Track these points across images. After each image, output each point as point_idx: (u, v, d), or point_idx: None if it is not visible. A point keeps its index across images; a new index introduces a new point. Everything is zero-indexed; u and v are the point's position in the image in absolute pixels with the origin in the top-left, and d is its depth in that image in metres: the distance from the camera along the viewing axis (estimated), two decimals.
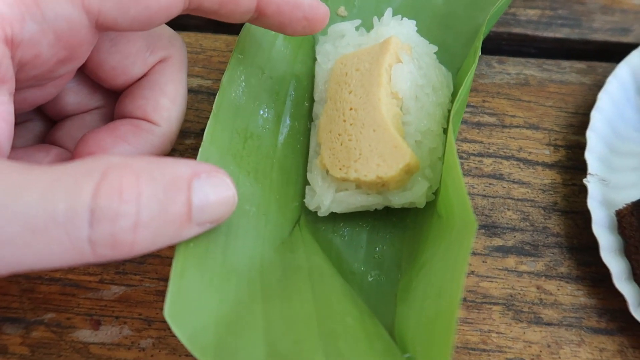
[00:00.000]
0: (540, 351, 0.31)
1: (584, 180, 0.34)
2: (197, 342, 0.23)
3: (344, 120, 0.33)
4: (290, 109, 0.37)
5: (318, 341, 0.26)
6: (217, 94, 0.32)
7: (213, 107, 0.31)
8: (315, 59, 0.39)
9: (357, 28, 0.39)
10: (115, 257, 0.22)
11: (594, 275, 0.33)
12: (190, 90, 0.40)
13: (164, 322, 0.32)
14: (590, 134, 0.35)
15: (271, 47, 0.36)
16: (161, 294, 0.33)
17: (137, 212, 0.21)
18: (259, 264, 0.29)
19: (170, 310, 0.23)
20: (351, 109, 0.33)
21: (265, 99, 0.35)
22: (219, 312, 0.25)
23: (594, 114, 0.36)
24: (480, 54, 0.34)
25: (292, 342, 0.26)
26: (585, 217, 0.35)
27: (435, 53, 0.38)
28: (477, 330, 0.32)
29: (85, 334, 0.32)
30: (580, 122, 0.38)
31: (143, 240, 0.21)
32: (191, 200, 0.22)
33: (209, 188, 0.23)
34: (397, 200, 0.33)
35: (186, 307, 0.24)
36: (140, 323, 0.32)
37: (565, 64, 0.41)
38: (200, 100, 0.39)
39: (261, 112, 0.34)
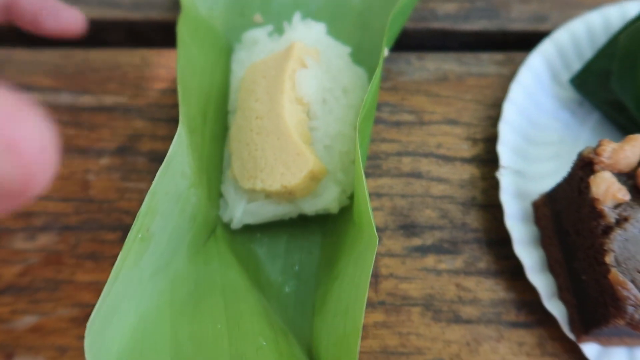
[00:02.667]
0: (460, 350, 0.31)
1: (496, 174, 0.34)
2: None
3: (251, 130, 0.33)
4: (212, 121, 0.36)
5: None
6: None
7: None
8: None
9: (270, 34, 0.39)
10: None
11: (512, 268, 0.33)
12: (105, 108, 0.39)
13: (78, 349, 0.31)
14: (503, 126, 0.35)
15: (196, 57, 0.35)
16: (75, 321, 0.32)
17: None
18: (172, 275, 0.28)
19: (89, 331, 0.22)
20: (257, 117, 0.33)
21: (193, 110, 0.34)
22: (125, 332, 0.24)
23: (506, 106, 0.36)
24: (387, 53, 0.33)
25: None
26: (503, 209, 0.34)
27: (350, 54, 0.38)
28: (396, 334, 0.32)
29: None
30: (498, 114, 0.38)
31: None
32: None
33: None
34: (309, 207, 0.32)
35: (101, 328, 0.23)
36: (53, 352, 0.31)
37: (484, 56, 0.41)
38: (115, 117, 0.39)
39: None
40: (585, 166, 0.29)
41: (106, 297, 0.22)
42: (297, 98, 0.33)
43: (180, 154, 0.28)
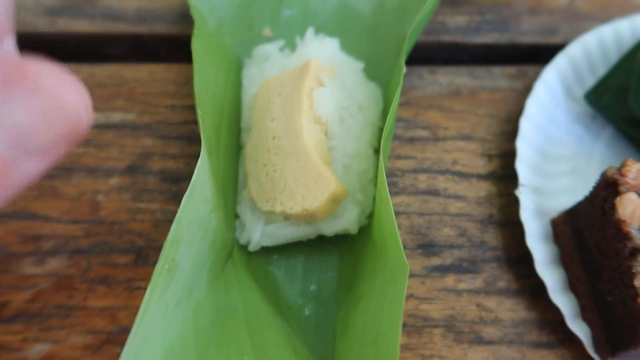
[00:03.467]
0: None
1: (516, 192, 0.34)
2: None
3: (268, 150, 0.32)
4: (225, 139, 0.35)
5: None
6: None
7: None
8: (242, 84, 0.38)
9: (281, 49, 0.38)
10: None
11: (533, 287, 0.33)
12: (113, 126, 0.38)
13: None
14: (520, 143, 0.35)
15: (208, 73, 0.34)
16: (89, 348, 0.31)
17: None
18: (193, 304, 0.27)
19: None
20: (274, 137, 0.32)
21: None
22: None
23: (523, 122, 0.36)
24: (405, 70, 0.33)
25: None
26: (521, 227, 0.34)
27: (363, 69, 0.37)
28: (418, 356, 0.31)
29: None
30: (512, 129, 0.38)
31: None
32: None
33: (18, 109, 0.15)
34: (328, 229, 0.32)
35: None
36: None
37: (496, 69, 0.41)
38: (123, 135, 0.38)
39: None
40: (609, 186, 0.29)
41: (136, 332, 0.22)
42: (315, 117, 0.32)
43: (203, 179, 0.27)
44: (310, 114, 0.32)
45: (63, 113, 0.16)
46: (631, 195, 0.28)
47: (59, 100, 0.16)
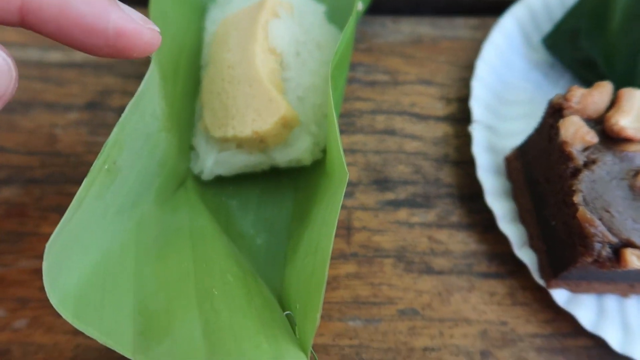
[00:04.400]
0: (431, 299, 0.31)
1: (469, 128, 0.34)
2: (61, 297, 0.22)
3: (222, 79, 0.32)
4: (184, 76, 0.35)
5: (193, 298, 0.24)
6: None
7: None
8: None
9: None
10: None
11: (483, 221, 0.33)
12: (75, 64, 0.38)
13: (41, 301, 0.30)
14: (475, 83, 0.35)
15: (170, 11, 0.34)
16: (38, 273, 0.31)
17: None
18: (138, 216, 0.27)
19: (48, 253, 0.21)
20: (229, 67, 0.32)
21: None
22: (86, 264, 0.23)
23: (479, 64, 0.36)
24: (359, 8, 0.33)
25: (165, 299, 0.24)
26: (475, 165, 0.35)
27: (326, 13, 0.38)
28: (368, 284, 0.31)
29: None
30: (471, 75, 0.38)
31: None
32: None
33: None
34: (281, 157, 0.32)
35: (60, 259, 0.22)
36: (14, 304, 0.30)
37: (459, 20, 0.41)
38: (85, 73, 0.38)
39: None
40: (555, 113, 0.29)
41: (67, 222, 0.22)
42: (270, 48, 0.32)
43: (151, 93, 0.27)
44: (265, 44, 0.32)
45: None
46: (574, 118, 0.28)
47: None
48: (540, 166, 0.30)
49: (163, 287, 0.24)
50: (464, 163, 0.35)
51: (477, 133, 0.34)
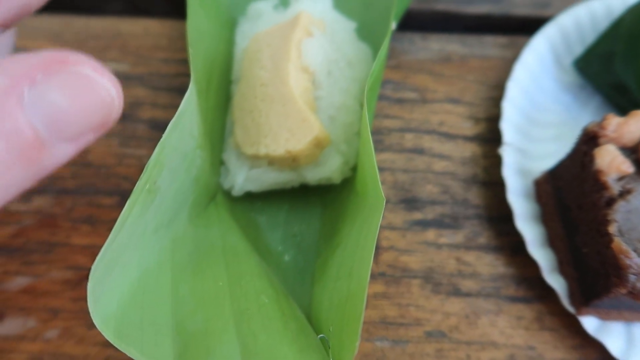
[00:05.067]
0: (459, 322, 0.31)
1: (499, 150, 0.34)
2: (103, 317, 0.22)
3: (255, 97, 0.32)
4: (215, 90, 0.36)
5: (230, 319, 0.25)
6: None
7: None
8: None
9: (275, 6, 0.39)
10: None
11: (512, 244, 0.33)
12: None
13: (71, 312, 0.31)
14: (506, 105, 0.35)
15: (203, 25, 0.35)
16: (69, 283, 0.31)
17: None
18: (173, 234, 0.28)
19: (93, 274, 0.21)
20: (262, 84, 0.32)
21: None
22: (126, 284, 0.24)
23: (510, 85, 0.36)
24: (394, 27, 0.33)
25: (203, 319, 0.25)
26: (504, 188, 0.35)
27: (356, 30, 0.38)
28: (395, 305, 0.31)
29: None
30: (501, 95, 0.38)
31: None
32: (29, 120, 0.16)
33: (57, 92, 0.16)
34: (311, 175, 0.32)
35: (103, 279, 0.22)
36: (46, 314, 0.31)
37: (488, 39, 0.41)
38: None
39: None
40: (589, 140, 0.29)
41: (111, 243, 0.22)
42: (303, 67, 0.32)
43: (190, 113, 0.27)
44: (298, 63, 0.32)
45: (97, 102, 0.17)
46: (609, 147, 0.28)
47: (95, 89, 0.17)
48: (573, 192, 0.30)
49: (200, 307, 0.25)
50: (493, 184, 0.35)
51: (507, 155, 0.34)
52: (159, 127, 0.37)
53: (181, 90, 0.38)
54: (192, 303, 0.25)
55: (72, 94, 0.17)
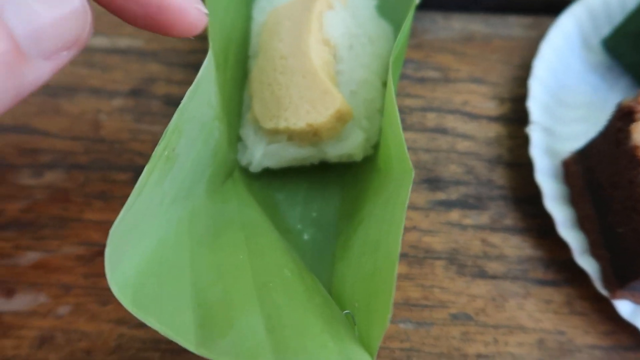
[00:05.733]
0: (485, 305, 0.30)
1: (527, 129, 0.33)
2: (121, 284, 0.21)
3: (274, 70, 0.31)
4: (232, 66, 0.35)
5: (252, 291, 0.23)
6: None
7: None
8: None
9: None
10: None
11: (539, 226, 0.32)
12: (120, 51, 0.37)
13: (84, 288, 0.30)
14: (533, 83, 0.34)
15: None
16: (81, 259, 0.30)
17: None
18: (190, 206, 0.26)
19: (111, 239, 0.20)
20: (281, 57, 0.31)
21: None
22: (143, 253, 0.22)
23: (537, 64, 0.35)
24: (417, 1, 0.32)
25: (223, 290, 0.23)
26: (530, 169, 0.33)
27: (376, 7, 0.37)
28: (419, 286, 0.30)
29: None
30: (526, 75, 0.37)
31: None
32: (7, 25, 0.15)
33: (34, 2, 0.16)
34: (332, 151, 0.31)
35: (121, 246, 0.21)
36: (57, 290, 0.30)
37: (512, 19, 0.40)
38: (129, 60, 0.37)
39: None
40: (624, 116, 0.28)
41: (129, 209, 0.21)
42: (324, 39, 0.31)
43: (208, 82, 0.26)
44: (319, 36, 0.31)
45: (72, 13, 0.17)
46: None
47: (74, 5, 0.16)
48: (605, 171, 0.29)
49: (221, 279, 0.24)
50: (518, 165, 0.34)
51: (535, 134, 0.32)
52: (174, 103, 0.36)
53: (197, 67, 0.37)
54: (212, 274, 0.24)
55: (54, 5, 0.16)
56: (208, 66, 0.27)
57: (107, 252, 0.20)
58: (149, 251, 0.23)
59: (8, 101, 0.16)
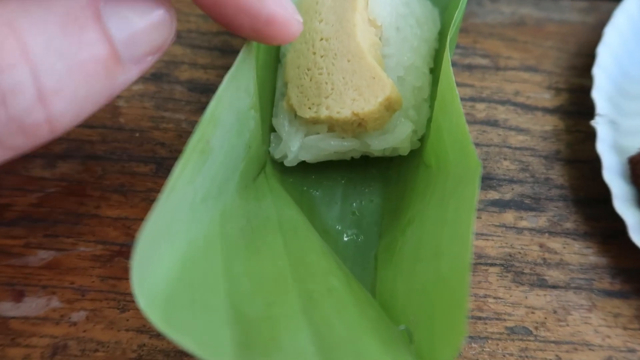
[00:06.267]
0: (545, 318, 0.27)
1: (592, 122, 0.29)
2: (150, 297, 0.18)
3: (314, 53, 0.28)
4: (264, 48, 0.31)
5: (296, 304, 0.21)
6: None
7: None
8: None
9: None
10: (37, 142, 0.17)
11: (605, 230, 0.29)
12: None
13: (101, 291, 0.27)
14: (597, 72, 0.31)
15: None
16: (99, 260, 0.28)
17: (35, 77, 0.15)
18: (222, 205, 0.23)
19: (140, 244, 0.17)
20: (322, 39, 0.28)
21: None
22: (174, 260, 0.19)
23: (601, 50, 0.31)
24: None
25: (264, 303, 0.20)
26: (592, 166, 0.30)
27: None
28: (471, 296, 0.27)
29: (5, 307, 0.26)
30: (583, 63, 0.34)
31: (62, 109, 0.16)
32: (108, 32, 0.16)
33: (128, 10, 0.17)
34: (377, 144, 0.28)
35: (150, 252, 0.18)
36: (72, 293, 0.27)
37: (565, 2, 0.37)
38: None
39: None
40: None
41: (160, 211, 0.18)
42: (370, 19, 0.28)
43: (248, 64, 0.23)
44: (365, 14, 0.28)
45: (160, 21, 0.18)
46: None
47: (156, 8, 0.18)
48: None
49: (259, 289, 0.21)
50: (579, 162, 0.31)
51: (602, 128, 0.29)
52: (198, 89, 0.33)
53: (223, 50, 0.34)
54: (249, 284, 0.21)
55: (139, 11, 0.18)
56: (248, 49, 0.24)
57: (135, 261, 0.17)
58: (179, 258, 0.20)
59: (101, 102, 0.18)
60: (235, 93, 0.23)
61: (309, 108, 0.27)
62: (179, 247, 0.20)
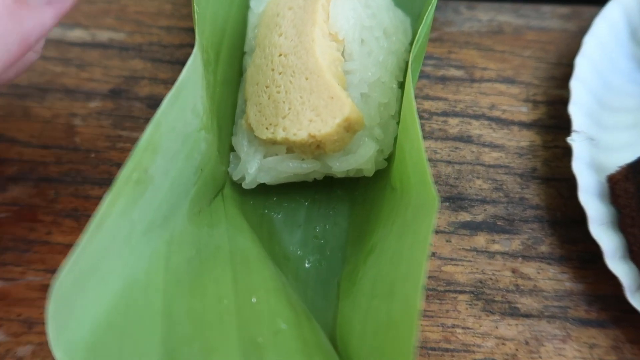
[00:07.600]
0: (517, 349, 0.25)
1: (568, 139, 0.28)
2: (68, 348, 0.17)
3: (272, 69, 0.27)
4: (225, 63, 0.30)
5: (236, 351, 0.19)
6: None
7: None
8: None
9: None
10: None
11: (581, 254, 0.27)
12: (99, 45, 0.33)
13: None
14: (575, 84, 0.29)
15: None
16: (47, 290, 0.26)
17: None
18: (168, 235, 0.22)
19: (55, 295, 0.16)
20: (280, 54, 0.27)
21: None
22: (103, 304, 0.18)
23: (579, 61, 0.30)
24: None
25: (201, 349, 0.19)
26: (570, 184, 0.29)
27: None
28: (438, 325, 0.26)
29: None
30: (563, 74, 0.32)
31: None
32: None
33: None
34: (339, 166, 0.26)
35: (72, 298, 0.17)
36: (18, 326, 0.26)
37: (546, 8, 0.35)
38: (109, 56, 0.33)
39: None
40: None
41: (83, 251, 0.17)
42: (332, 33, 0.27)
43: (194, 84, 0.22)
44: (325, 28, 0.27)
45: None
46: None
47: None
48: None
49: (199, 332, 0.19)
50: (556, 180, 0.29)
51: (578, 146, 0.28)
52: (159, 105, 0.31)
53: (185, 64, 0.33)
54: (189, 327, 0.19)
55: None
56: (193, 66, 0.22)
57: (52, 308, 0.16)
58: (111, 300, 0.18)
59: (15, 47, 0.17)
60: (180, 115, 0.22)
61: (267, 128, 0.26)
62: (112, 287, 0.19)
